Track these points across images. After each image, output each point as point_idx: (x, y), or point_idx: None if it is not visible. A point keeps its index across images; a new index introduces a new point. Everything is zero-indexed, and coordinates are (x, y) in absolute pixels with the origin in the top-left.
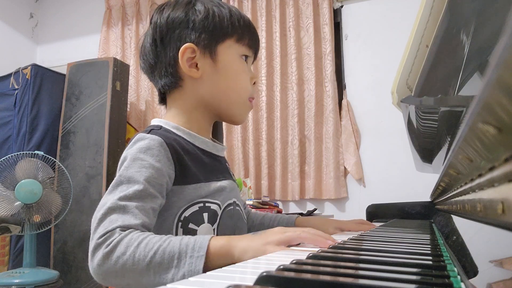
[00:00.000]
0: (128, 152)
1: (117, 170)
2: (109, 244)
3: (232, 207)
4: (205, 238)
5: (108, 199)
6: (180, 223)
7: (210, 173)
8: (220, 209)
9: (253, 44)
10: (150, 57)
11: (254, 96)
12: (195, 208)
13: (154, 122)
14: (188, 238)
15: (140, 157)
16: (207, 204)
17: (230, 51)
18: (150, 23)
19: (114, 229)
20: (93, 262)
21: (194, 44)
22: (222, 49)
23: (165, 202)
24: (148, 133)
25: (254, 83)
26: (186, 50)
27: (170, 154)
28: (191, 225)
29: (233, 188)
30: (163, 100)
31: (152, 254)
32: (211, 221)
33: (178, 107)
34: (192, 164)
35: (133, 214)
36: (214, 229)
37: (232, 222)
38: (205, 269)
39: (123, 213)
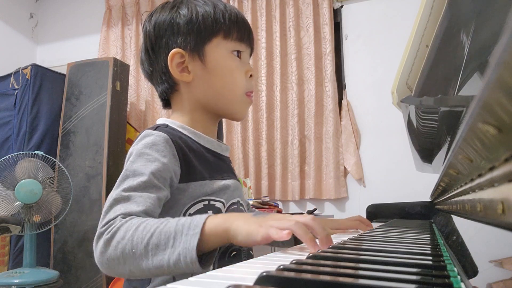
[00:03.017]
0: (134, 147)
1: (124, 165)
2: (110, 232)
3: (236, 206)
4: (202, 217)
5: (114, 192)
6: None
7: (215, 171)
8: (224, 207)
9: (243, 37)
10: (146, 66)
11: (253, 90)
12: (200, 205)
13: (160, 121)
14: (185, 219)
15: (145, 152)
16: (211, 202)
17: (219, 49)
18: (143, 31)
19: (116, 217)
20: (96, 251)
21: (181, 48)
22: (210, 49)
23: (170, 200)
24: (154, 130)
25: (251, 76)
26: (174, 56)
27: (176, 150)
28: None
29: (237, 188)
30: (166, 104)
31: (149, 236)
32: None
33: (179, 110)
34: (197, 162)
35: (136, 202)
36: None
37: None
38: (200, 247)
39: (127, 202)
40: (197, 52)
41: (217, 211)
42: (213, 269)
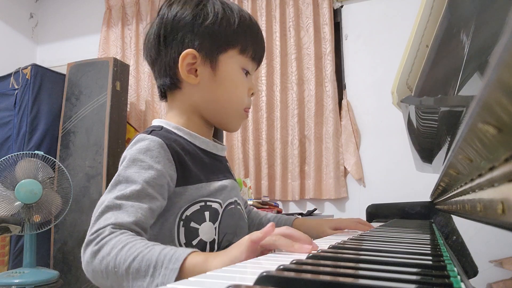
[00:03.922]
0: (128, 152)
1: (118, 169)
2: (98, 243)
3: (233, 206)
4: (185, 251)
5: (106, 198)
6: (181, 222)
7: (211, 173)
8: (221, 207)
9: (257, 56)
10: (152, 51)
11: (250, 106)
12: (197, 207)
13: (155, 122)
14: (169, 249)
15: (139, 158)
16: (208, 203)
17: (231, 62)
18: (158, 14)
19: (106, 226)
20: (83, 259)
21: (196, 50)
22: (223, 59)
23: (167, 203)
24: (148, 134)
25: (252, 94)
26: (187, 56)
27: (171, 155)
28: (192, 224)
29: (234, 187)
30: (163, 96)
31: (132, 259)
32: (213, 219)
33: (177, 108)
34: (193, 165)
35: (127, 212)
36: (215, 228)
37: (233, 221)
38: None
39: (118, 211)
40: (210, 58)
41: (214, 211)
42: None
